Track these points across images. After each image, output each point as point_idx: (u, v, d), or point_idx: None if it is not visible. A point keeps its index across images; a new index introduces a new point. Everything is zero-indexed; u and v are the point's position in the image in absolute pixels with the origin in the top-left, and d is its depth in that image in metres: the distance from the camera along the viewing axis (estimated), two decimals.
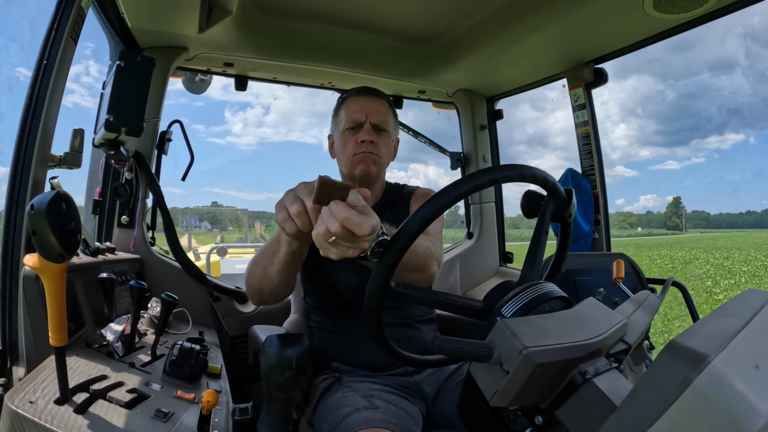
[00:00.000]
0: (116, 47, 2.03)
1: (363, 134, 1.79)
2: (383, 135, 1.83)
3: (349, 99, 1.88)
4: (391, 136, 1.89)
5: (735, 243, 53.21)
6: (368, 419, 1.37)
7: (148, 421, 1.03)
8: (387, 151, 1.86)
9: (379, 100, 1.86)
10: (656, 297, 1.09)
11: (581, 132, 2.50)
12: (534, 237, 1.10)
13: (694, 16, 1.87)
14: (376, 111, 1.82)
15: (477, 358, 0.72)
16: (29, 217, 0.83)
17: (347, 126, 1.83)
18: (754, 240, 60.65)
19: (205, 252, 7.98)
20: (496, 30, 2.13)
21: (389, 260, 0.90)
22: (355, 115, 1.81)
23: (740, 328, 0.60)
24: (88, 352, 1.30)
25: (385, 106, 1.87)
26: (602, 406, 0.70)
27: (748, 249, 40.27)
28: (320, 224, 0.85)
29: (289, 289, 1.50)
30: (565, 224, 1.17)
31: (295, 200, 0.91)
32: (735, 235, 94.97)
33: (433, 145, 3.10)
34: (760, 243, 50.37)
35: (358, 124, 1.81)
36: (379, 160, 1.82)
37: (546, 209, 1.10)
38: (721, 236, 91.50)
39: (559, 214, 1.13)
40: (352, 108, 1.83)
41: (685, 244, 55.02)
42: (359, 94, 1.87)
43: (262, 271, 1.42)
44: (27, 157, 1.25)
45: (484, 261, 3.11)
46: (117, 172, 2.13)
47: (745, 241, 57.81)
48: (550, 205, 1.10)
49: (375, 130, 1.81)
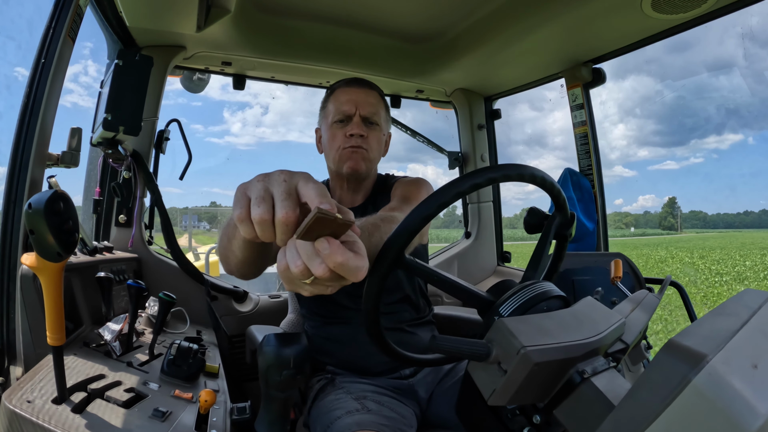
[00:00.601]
0: (114, 46, 2.03)
1: (352, 127, 1.71)
2: (374, 128, 1.75)
3: (338, 90, 1.78)
4: (382, 129, 1.80)
5: (723, 243, 53.33)
6: (359, 422, 1.36)
7: (146, 421, 1.03)
8: (378, 145, 1.79)
9: (369, 92, 1.77)
10: (654, 296, 1.09)
11: (579, 132, 2.50)
12: (539, 245, 1.12)
13: (692, 16, 1.88)
14: (366, 102, 1.73)
15: (475, 357, 0.72)
16: (27, 216, 0.83)
17: (335, 118, 1.74)
18: (744, 240, 60.58)
19: (204, 252, 7.98)
20: (494, 29, 2.14)
21: (390, 256, 0.90)
22: (344, 107, 1.72)
23: (738, 327, 0.61)
24: (86, 352, 1.29)
25: (376, 98, 1.79)
26: (600, 405, 0.70)
27: (731, 249, 40.44)
28: (295, 261, 0.63)
29: (256, 270, 1.21)
30: (564, 241, 1.19)
31: (263, 201, 0.64)
32: (729, 235, 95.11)
33: (430, 144, 3.09)
34: (748, 243, 50.40)
35: (347, 116, 1.72)
36: (369, 155, 1.74)
37: (552, 222, 1.12)
38: (714, 236, 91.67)
39: (562, 232, 1.16)
40: (341, 99, 1.74)
41: (672, 244, 55.25)
42: (349, 85, 1.78)
43: (226, 242, 1.11)
44: (25, 155, 1.25)
45: (482, 260, 3.11)
46: (115, 171, 2.13)
47: (733, 241, 57.76)
48: (557, 219, 1.12)
49: (365, 123, 1.73)
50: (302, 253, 0.63)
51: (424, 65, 2.55)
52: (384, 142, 1.85)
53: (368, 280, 0.96)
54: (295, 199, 0.64)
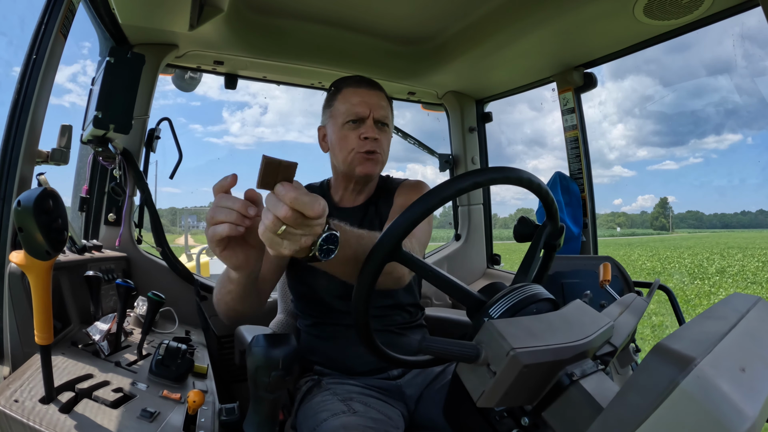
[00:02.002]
0: (106, 43, 2.02)
1: (367, 130, 1.68)
2: (385, 130, 1.73)
3: (348, 89, 1.74)
4: (390, 131, 1.79)
5: (708, 243, 53.52)
6: (345, 425, 1.36)
7: (134, 421, 1.02)
8: (388, 147, 1.77)
9: (380, 94, 1.75)
10: (642, 300, 1.10)
11: (570, 136, 2.52)
12: (528, 254, 1.12)
13: (684, 22, 1.89)
14: (379, 105, 1.71)
15: (464, 359, 0.72)
16: (16, 213, 0.82)
17: (348, 119, 1.69)
18: (730, 240, 60.04)
19: (196, 252, 7.97)
20: (486, 33, 2.14)
21: (378, 257, 0.91)
22: (358, 108, 1.68)
23: (726, 331, 0.61)
24: (74, 351, 1.29)
25: (386, 100, 1.76)
26: (589, 407, 0.70)
27: (712, 249, 40.66)
28: (266, 215, 0.80)
29: (259, 307, 1.46)
30: (552, 250, 1.20)
31: (220, 210, 0.90)
32: (720, 235, 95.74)
33: (421, 146, 3.10)
34: (732, 243, 50.26)
35: (360, 118, 1.69)
36: (382, 158, 1.73)
37: (543, 230, 1.13)
38: (707, 236, 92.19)
39: (551, 241, 1.16)
40: (353, 100, 1.70)
41: (653, 244, 55.77)
42: (359, 85, 1.74)
43: (224, 307, 1.35)
44: (14, 152, 1.24)
45: (472, 263, 3.12)
46: (105, 169, 2.11)
47: (719, 241, 57.50)
48: (548, 227, 1.13)
49: (378, 125, 1.70)
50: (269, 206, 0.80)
51: (415, 67, 2.56)
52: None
53: (359, 276, 0.97)
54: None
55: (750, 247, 41.42)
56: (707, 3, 1.75)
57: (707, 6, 1.76)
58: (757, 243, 48.76)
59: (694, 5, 1.77)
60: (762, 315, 0.71)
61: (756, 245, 43.74)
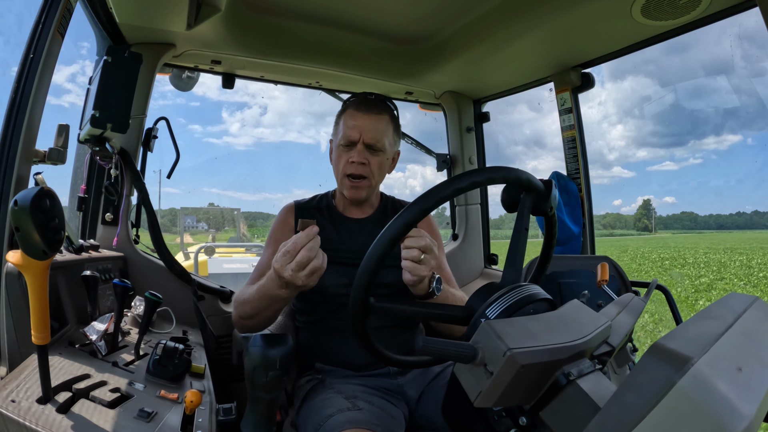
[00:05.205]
0: (103, 42, 2.02)
1: (354, 155, 1.76)
2: (377, 154, 1.79)
3: (349, 111, 1.82)
4: (386, 153, 1.82)
5: (688, 244, 53.48)
6: (352, 420, 1.37)
7: (131, 421, 1.02)
8: (380, 170, 1.82)
9: (377, 117, 1.79)
10: (640, 300, 1.10)
11: (567, 136, 2.52)
12: (514, 236, 1.10)
13: (682, 23, 1.89)
14: (371, 129, 1.76)
15: (461, 359, 0.72)
16: (13, 213, 0.82)
17: (341, 142, 1.79)
18: (715, 242, 58.58)
19: (194, 251, 7.97)
20: (483, 33, 2.14)
21: (372, 262, 0.91)
22: (350, 132, 1.76)
23: (723, 330, 0.61)
24: (71, 351, 1.28)
25: (385, 122, 1.80)
26: (586, 407, 0.70)
27: (687, 250, 40.42)
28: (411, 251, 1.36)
29: (272, 315, 1.62)
30: (548, 218, 1.17)
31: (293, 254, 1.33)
32: (706, 237, 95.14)
33: (419, 146, 3.10)
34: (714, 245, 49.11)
35: (351, 142, 1.77)
36: (370, 182, 1.80)
37: (524, 205, 1.10)
38: (693, 237, 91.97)
39: (539, 207, 1.13)
40: (349, 123, 1.78)
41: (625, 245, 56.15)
42: (358, 109, 1.80)
43: (260, 318, 1.58)
44: (11, 152, 1.23)
45: (469, 262, 3.12)
46: (102, 169, 2.11)
47: (701, 243, 56.84)
48: (527, 201, 1.11)
49: (368, 150, 1.77)
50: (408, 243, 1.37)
51: (413, 67, 2.56)
52: (390, 162, 1.89)
53: (355, 283, 0.98)
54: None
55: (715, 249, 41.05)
56: (704, 3, 1.75)
57: (704, 6, 1.76)
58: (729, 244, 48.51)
59: (692, 5, 1.77)
60: (759, 315, 0.72)
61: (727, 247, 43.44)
